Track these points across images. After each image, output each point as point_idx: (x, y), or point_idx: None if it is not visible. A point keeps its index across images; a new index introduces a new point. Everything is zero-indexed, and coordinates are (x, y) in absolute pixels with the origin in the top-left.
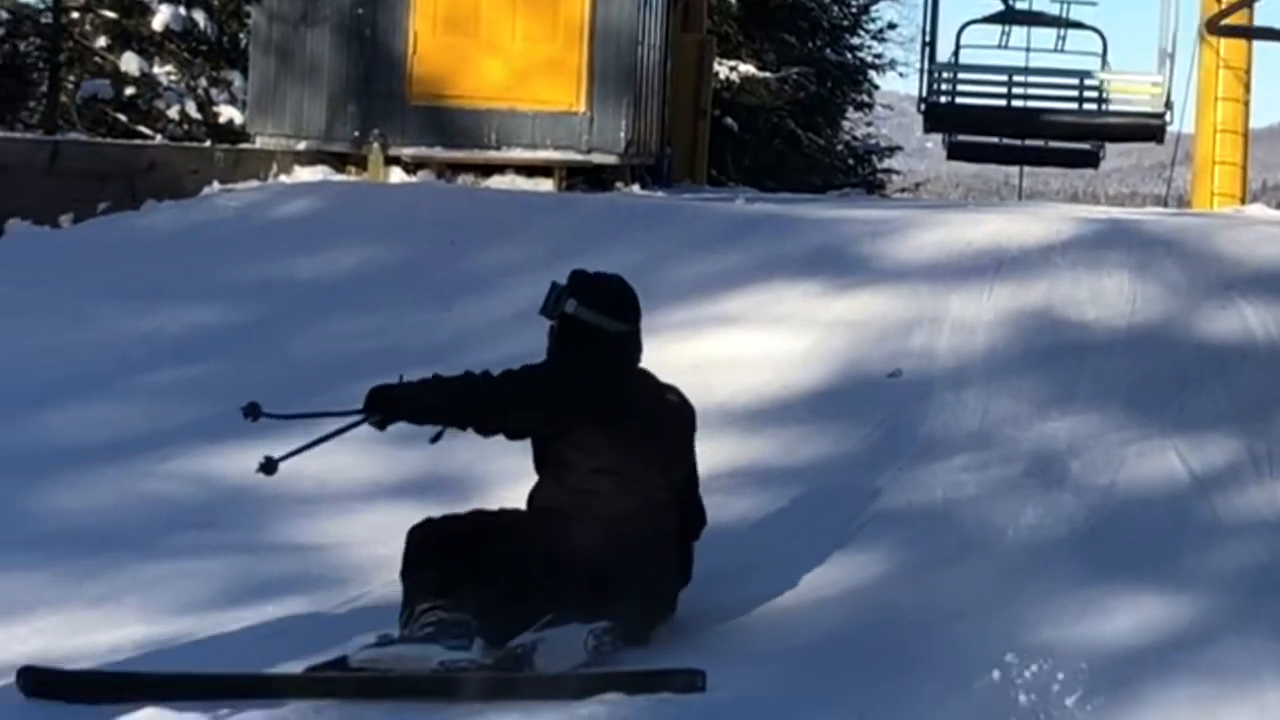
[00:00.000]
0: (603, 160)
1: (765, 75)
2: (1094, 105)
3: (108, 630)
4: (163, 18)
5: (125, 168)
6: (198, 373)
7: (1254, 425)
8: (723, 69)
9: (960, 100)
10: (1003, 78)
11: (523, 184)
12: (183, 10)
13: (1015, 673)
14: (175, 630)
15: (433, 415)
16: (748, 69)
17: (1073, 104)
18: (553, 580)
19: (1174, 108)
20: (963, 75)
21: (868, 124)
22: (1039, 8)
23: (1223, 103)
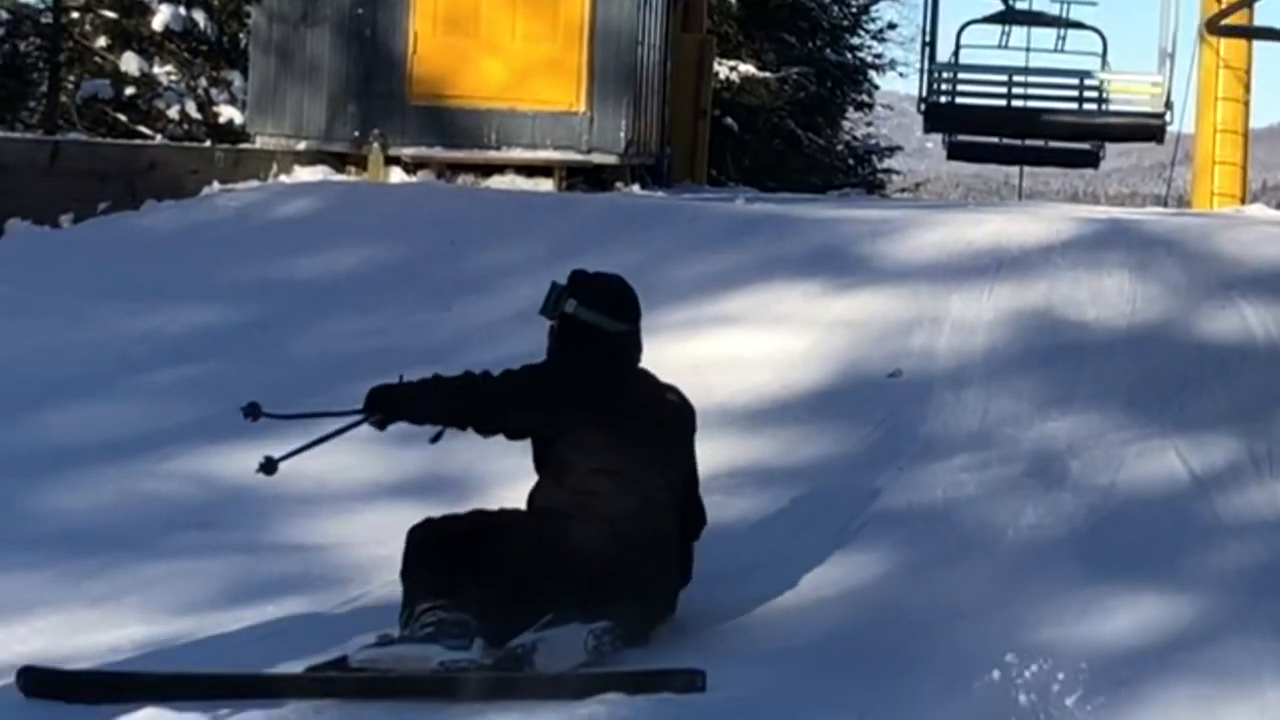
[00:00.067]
0: (603, 160)
1: (765, 75)
2: (1094, 105)
3: (108, 630)
4: (163, 18)
5: (125, 168)
6: (198, 373)
7: (1254, 425)
8: (723, 69)
9: (960, 100)
10: (1003, 78)
11: (523, 184)
12: (183, 10)
13: (1015, 673)
14: (175, 630)
15: (432, 415)
16: (748, 69)
17: (1073, 104)
18: (553, 580)
19: (1174, 108)
20: (963, 75)
21: (868, 124)
22: (1039, 8)
23: (1223, 103)
